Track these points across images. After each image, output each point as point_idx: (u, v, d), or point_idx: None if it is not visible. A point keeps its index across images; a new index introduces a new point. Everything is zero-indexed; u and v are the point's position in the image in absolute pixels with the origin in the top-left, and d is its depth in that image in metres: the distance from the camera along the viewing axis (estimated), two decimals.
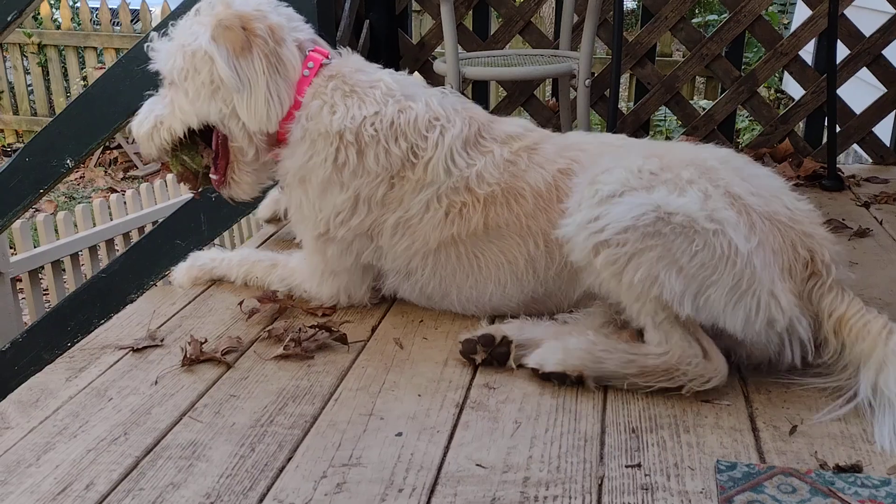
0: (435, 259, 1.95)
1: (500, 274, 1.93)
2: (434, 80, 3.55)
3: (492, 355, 1.77)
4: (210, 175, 2.06)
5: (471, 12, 3.91)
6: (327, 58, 2.00)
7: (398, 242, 1.96)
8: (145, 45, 2.11)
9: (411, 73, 3.86)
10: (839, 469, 1.44)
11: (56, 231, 4.51)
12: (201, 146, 2.05)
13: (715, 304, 1.60)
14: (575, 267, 1.78)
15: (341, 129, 1.90)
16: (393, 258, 1.99)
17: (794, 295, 1.65)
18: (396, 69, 2.09)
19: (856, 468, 1.44)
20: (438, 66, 3.23)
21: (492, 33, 3.92)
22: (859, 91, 3.85)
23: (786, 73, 3.82)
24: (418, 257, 1.96)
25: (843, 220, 2.75)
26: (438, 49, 3.76)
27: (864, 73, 3.64)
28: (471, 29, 3.92)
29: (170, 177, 5.38)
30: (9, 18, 2.84)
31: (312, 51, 2.01)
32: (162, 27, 2.72)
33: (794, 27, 3.82)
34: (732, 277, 1.59)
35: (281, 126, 1.96)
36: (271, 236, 2.66)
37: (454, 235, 1.91)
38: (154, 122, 2.01)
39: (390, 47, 3.90)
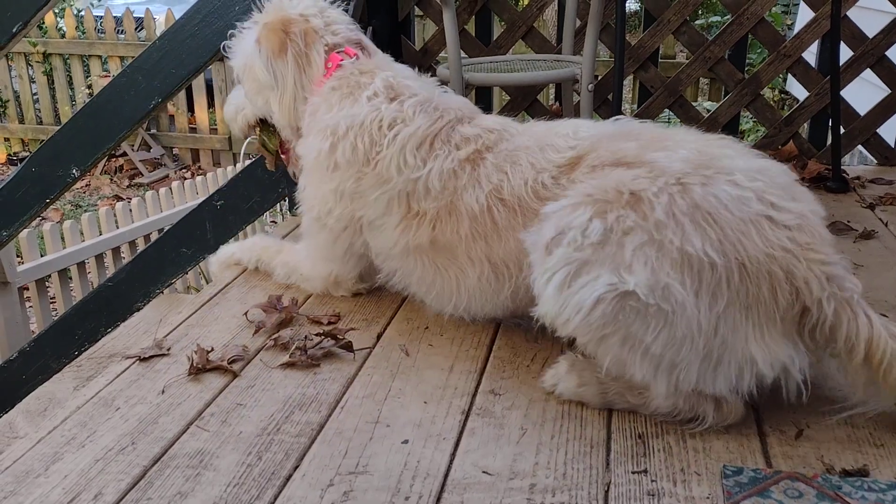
0: (405, 262, 1.99)
1: (461, 286, 1.90)
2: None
3: None
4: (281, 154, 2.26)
5: (473, 17, 3.91)
6: (351, 59, 2.07)
7: (375, 241, 2.02)
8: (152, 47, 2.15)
9: None
10: (846, 473, 1.44)
11: (62, 240, 4.53)
12: (275, 129, 2.23)
13: (693, 377, 1.51)
14: (527, 286, 1.69)
15: (328, 125, 2.00)
16: (377, 255, 2.06)
17: (781, 340, 1.49)
18: None
19: (862, 472, 1.44)
20: (441, 71, 3.24)
21: (494, 38, 3.92)
22: (864, 92, 3.85)
23: (790, 74, 3.82)
24: (392, 258, 2.01)
25: (848, 221, 2.75)
26: (442, 55, 3.77)
27: (869, 73, 3.63)
28: (473, 34, 3.92)
29: (175, 184, 5.40)
30: (14, 29, 2.85)
31: (341, 51, 2.09)
32: (165, 37, 2.75)
33: (797, 28, 3.81)
34: (699, 350, 1.48)
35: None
36: (295, 229, 2.66)
37: (413, 244, 1.92)
38: (235, 109, 2.26)
39: (393, 53, 3.86)
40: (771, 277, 1.47)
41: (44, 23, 8.38)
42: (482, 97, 4.08)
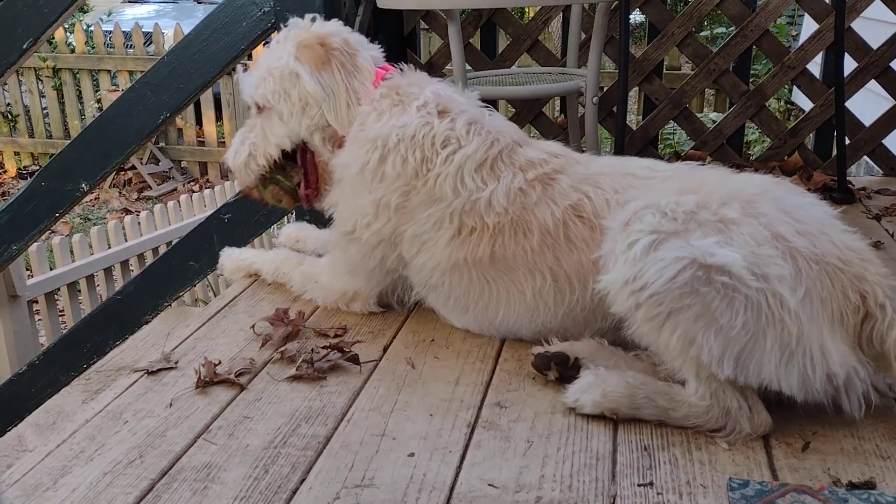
0: (451, 277, 1.97)
1: (510, 302, 1.93)
2: None
3: (561, 375, 1.76)
4: (300, 192, 2.20)
5: (478, 31, 3.94)
6: (390, 72, 2.12)
7: (417, 256, 2.00)
8: (158, 64, 2.17)
9: None
10: (852, 486, 1.44)
11: (71, 253, 4.56)
12: (289, 168, 2.18)
13: (764, 365, 1.51)
14: (588, 306, 1.82)
15: (377, 135, 1.99)
16: (416, 270, 2.03)
17: (847, 345, 1.54)
18: None
19: (869, 485, 1.44)
20: None
21: (499, 52, 3.94)
22: (869, 103, 3.85)
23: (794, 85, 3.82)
24: (437, 273, 1.99)
25: (855, 233, 2.74)
26: (447, 68, 3.79)
27: (874, 84, 3.64)
28: (479, 48, 3.94)
29: (183, 197, 5.43)
30: (25, 46, 2.89)
31: (379, 67, 2.13)
32: (173, 52, 2.78)
33: (801, 40, 3.82)
34: (780, 338, 1.49)
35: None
36: None
37: (465, 259, 1.93)
38: (249, 151, 2.15)
39: None
40: (843, 276, 1.56)
41: (53, 38, 8.46)
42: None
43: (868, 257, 1.63)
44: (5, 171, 8.75)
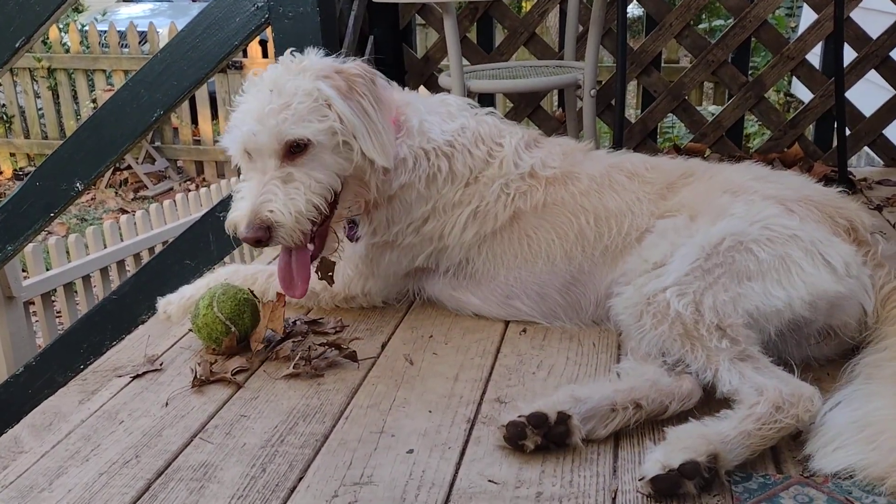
0: (491, 242, 2.07)
1: (550, 250, 2.03)
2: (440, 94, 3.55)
3: (547, 437, 1.52)
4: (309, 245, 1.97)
5: (475, 25, 3.92)
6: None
7: (466, 232, 2.06)
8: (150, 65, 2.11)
9: (417, 87, 3.90)
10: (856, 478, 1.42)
11: (67, 254, 4.54)
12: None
13: (807, 271, 1.69)
14: (615, 249, 1.98)
15: (438, 142, 2.06)
16: (458, 250, 2.08)
17: (848, 244, 1.78)
18: (402, 84, 2.16)
19: None
20: (443, 80, 3.23)
21: (496, 45, 3.92)
22: (869, 93, 3.83)
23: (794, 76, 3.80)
24: (476, 244, 2.07)
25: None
26: (444, 62, 3.77)
27: (874, 75, 3.62)
28: (475, 42, 3.92)
29: (179, 196, 5.41)
30: (17, 44, 2.86)
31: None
32: (166, 49, 2.75)
33: (801, 30, 3.80)
34: (801, 247, 1.71)
35: None
36: None
37: (517, 211, 2.06)
38: (304, 200, 1.85)
39: (395, 62, 3.91)
40: (829, 206, 1.85)
41: (48, 38, 8.43)
42: (485, 105, 4.06)
43: (847, 201, 1.90)
44: (1, 173, 8.72)
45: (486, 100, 4.09)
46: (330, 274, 2.04)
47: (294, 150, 1.87)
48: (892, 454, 1.39)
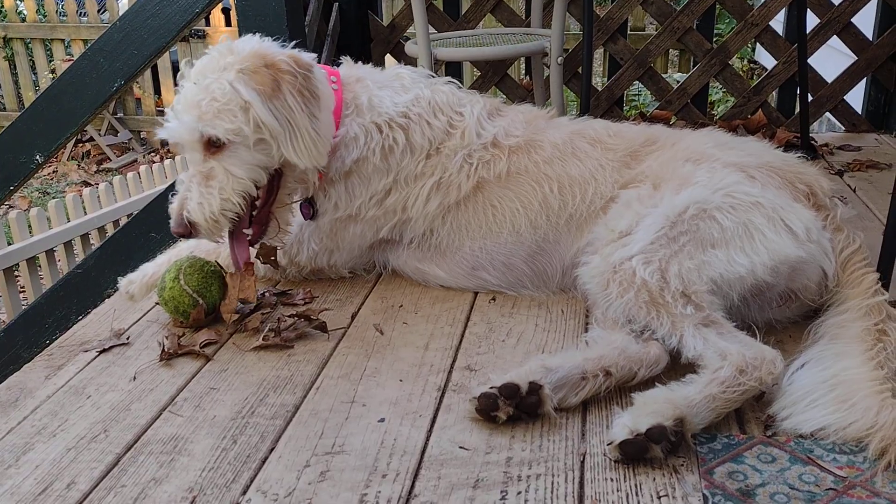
0: (455, 212, 2.07)
1: (515, 219, 2.04)
2: (406, 62, 3.52)
3: (519, 408, 1.53)
4: (250, 234, 1.99)
5: None
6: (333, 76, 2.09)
7: (430, 204, 2.06)
8: (109, 35, 2.07)
9: (383, 55, 3.86)
10: (817, 437, 1.46)
11: (29, 227, 4.45)
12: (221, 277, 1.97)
13: (769, 237, 1.72)
14: (580, 217, 1.99)
15: (390, 115, 2.04)
16: (422, 221, 2.08)
17: (808, 209, 1.82)
18: (368, 52, 2.12)
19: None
20: (410, 47, 3.20)
21: (463, 13, 3.89)
22: (831, 60, 3.87)
23: (758, 43, 3.83)
24: (440, 215, 2.07)
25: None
26: (410, 30, 3.73)
27: (835, 41, 3.65)
28: (441, 9, 3.89)
29: (143, 168, 5.33)
30: None
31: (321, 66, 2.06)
32: (126, 17, 2.69)
33: None
34: (764, 214, 1.74)
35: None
36: None
37: (481, 181, 2.05)
38: (220, 197, 1.87)
39: (361, 30, 3.85)
40: (788, 172, 1.88)
41: (3, 6, 8.19)
42: (452, 73, 4.05)
43: (806, 166, 1.95)
44: None
45: (453, 68, 4.06)
46: (273, 258, 2.04)
47: (214, 144, 1.88)
48: (868, 413, 1.43)
